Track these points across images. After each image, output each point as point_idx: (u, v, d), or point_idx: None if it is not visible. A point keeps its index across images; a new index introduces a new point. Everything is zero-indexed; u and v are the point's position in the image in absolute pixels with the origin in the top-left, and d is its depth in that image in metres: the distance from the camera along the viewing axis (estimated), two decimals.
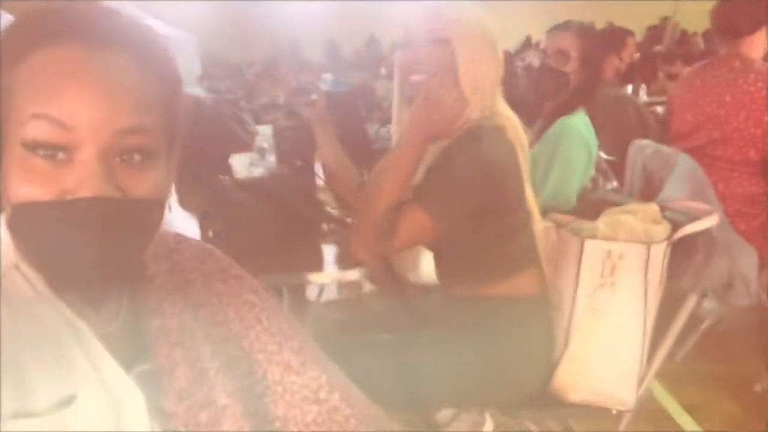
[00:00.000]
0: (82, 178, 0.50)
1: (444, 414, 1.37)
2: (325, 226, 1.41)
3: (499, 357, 1.23)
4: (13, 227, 0.54)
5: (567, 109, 1.74)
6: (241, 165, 1.55)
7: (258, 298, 0.71)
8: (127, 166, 0.52)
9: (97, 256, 0.51)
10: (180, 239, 0.69)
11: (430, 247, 1.27)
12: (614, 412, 1.30)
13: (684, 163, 1.96)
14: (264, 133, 2.09)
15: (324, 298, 2.82)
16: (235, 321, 0.68)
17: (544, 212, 1.54)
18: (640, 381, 1.28)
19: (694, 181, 1.96)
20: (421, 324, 1.34)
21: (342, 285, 2.97)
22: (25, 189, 0.51)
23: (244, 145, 1.98)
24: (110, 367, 0.56)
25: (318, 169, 1.80)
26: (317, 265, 1.23)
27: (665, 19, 11.06)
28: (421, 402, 1.27)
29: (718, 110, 2.06)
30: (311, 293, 2.89)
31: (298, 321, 0.75)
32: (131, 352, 0.60)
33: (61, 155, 0.50)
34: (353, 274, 1.16)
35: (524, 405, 1.29)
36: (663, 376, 2.16)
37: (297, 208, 1.27)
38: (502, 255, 1.25)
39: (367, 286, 2.97)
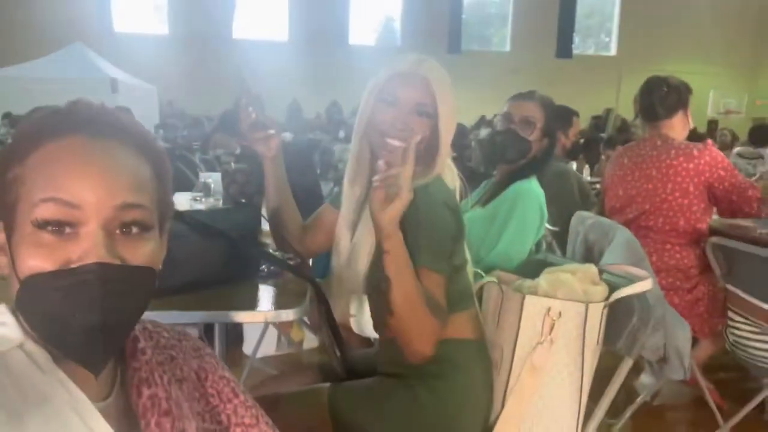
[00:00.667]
0: (86, 249, 0.56)
1: None
2: (264, 267, 1.36)
3: (436, 406, 1.19)
4: (21, 301, 0.58)
5: (523, 175, 1.79)
6: (183, 201, 1.50)
7: (231, 375, 0.77)
8: (125, 237, 0.59)
9: (99, 320, 0.56)
10: (156, 324, 0.75)
11: (366, 290, 1.24)
12: None
13: (622, 235, 2.04)
14: (214, 179, 2.07)
15: (261, 353, 2.71)
16: (213, 396, 0.74)
17: (490, 269, 1.55)
18: None
19: (631, 252, 2.03)
20: (358, 375, 1.29)
21: (281, 340, 2.87)
22: (33, 262, 0.56)
23: (190, 184, 1.95)
24: None
25: (264, 211, 1.77)
26: (252, 305, 1.17)
27: (608, 110, 11.91)
28: None
29: (647, 184, 2.21)
30: (247, 348, 2.78)
31: (232, 372, 0.78)
32: (124, 428, 0.63)
33: (67, 230, 0.57)
34: (289, 314, 1.12)
35: None
36: None
37: (235, 244, 1.22)
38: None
39: (307, 343, 2.89)
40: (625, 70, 14.50)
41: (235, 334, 2.94)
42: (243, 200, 1.51)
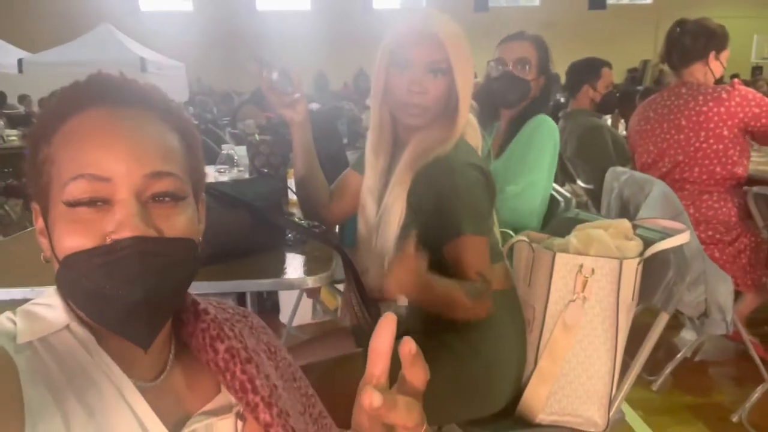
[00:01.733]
0: (121, 220, 0.54)
1: None
2: (290, 236, 1.36)
3: (472, 355, 1.19)
4: (61, 281, 0.58)
5: (529, 115, 1.78)
6: (209, 174, 1.51)
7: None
8: (159, 207, 0.57)
9: (141, 294, 0.55)
10: (220, 301, 0.73)
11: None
12: None
13: (658, 189, 1.98)
14: (237, 150, 2.08)
15: (298, 321, 2.76)
16: (283, 362, 0.73)
17: (511, 214, 1.54)
18: (612, 401, 1.24)
19: (669, 206, 1.97)
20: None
21: (316, 309, 2.91)
22: (70, 240, 0.55)
23: (216, 157, 1.97)
24: (156, 427, 0.58)
25: (291, 182, 1.77)
26: (278, 273, 1.18)
27: (645, 62, 11.46)
28: None
29: (677, 135, 2.12)
30: (284, 317, 2.83)
31: None
32: (180, 411, 0.62)
33: (100, 204, 0.55)
34: (315, 281, 1.12)
35: (490, 425, 1.23)
36: (639, 405, 2.13)
37: (260, 214, 1.22)
38: None
39: (342, 311, 2.92)
40: (663, 18, 13.82)
41: (271, 303, 3.00)
42: (267, 171, 1.51)
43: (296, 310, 2.59)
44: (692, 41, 2.10)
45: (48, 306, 0.60)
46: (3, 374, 0.52)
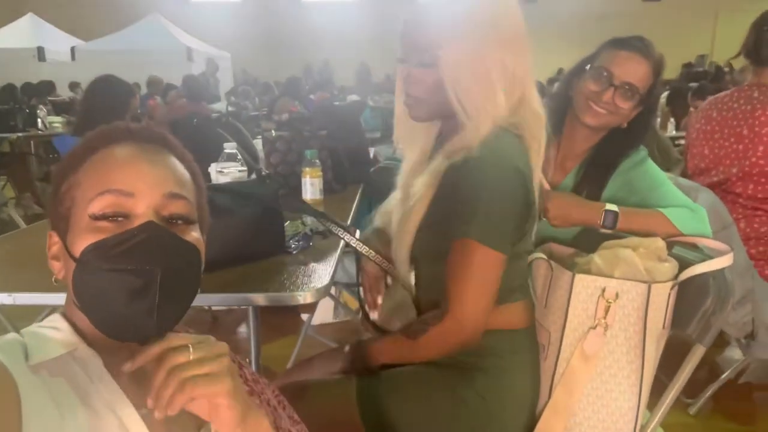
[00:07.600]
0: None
1: None
2: (292, 243, 1.28)
3: (476, 399, 1.08)
4: (77, 277, 0.60)
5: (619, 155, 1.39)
6: (213, 171, 1.47)
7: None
8: (172, 227, 0.63)
9: (158, 272, 0.58)
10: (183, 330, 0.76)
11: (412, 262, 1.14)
12: None
13: (705, 200, 1.80)
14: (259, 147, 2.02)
15: (318, 320, 2.71)
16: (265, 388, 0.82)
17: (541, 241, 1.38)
18: None
19: (715, 219, 1.79)
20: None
21: (337, 309, 2.85)
22: (90, 241, 0.59)
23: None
24: None
25: (306, 181, 1.69)
26: (273, 287, 1.10)
27: (701, 57, 10.93)
28: None
29: (736, 144, 1.89)
30: (305, 314, 2.78)
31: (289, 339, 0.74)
32: (176, 427, 0.64)
33: (122, 219, 0.61)
34: (306, 297, 1.04)
35: None
36: (675, 431, 1.97)
37: (265, 207, 1.15)
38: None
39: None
40: (723, 10, 13.16)
41: None
42: (276, 170, 1.44)
43: (316, 309, 2.53)
44: None
45: (54, 329, 0.63)
46: (3, 394, 0.53)
